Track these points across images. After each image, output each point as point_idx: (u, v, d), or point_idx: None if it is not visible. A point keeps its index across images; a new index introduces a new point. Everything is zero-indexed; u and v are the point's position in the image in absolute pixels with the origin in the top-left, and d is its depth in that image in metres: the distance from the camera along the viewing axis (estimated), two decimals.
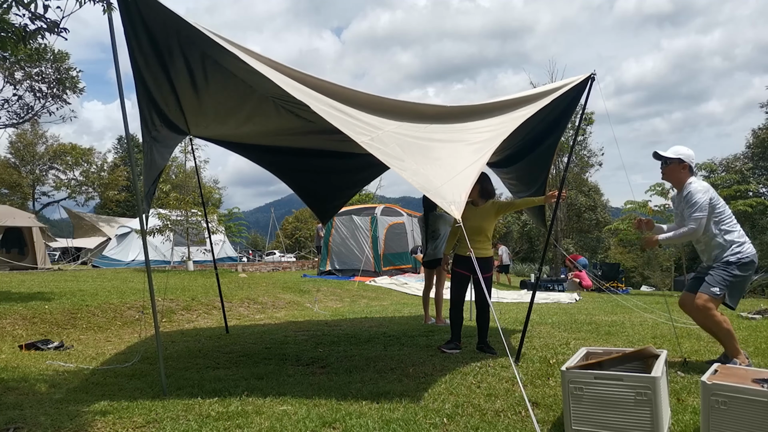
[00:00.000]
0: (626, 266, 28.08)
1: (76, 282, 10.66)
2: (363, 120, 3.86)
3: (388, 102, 4.41)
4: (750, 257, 3.90)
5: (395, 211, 16.68)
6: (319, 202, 7.42)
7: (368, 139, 3.59)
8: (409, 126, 4.27)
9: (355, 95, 4.15)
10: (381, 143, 3.64)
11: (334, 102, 3.88)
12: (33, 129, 30.22)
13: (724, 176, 20.32)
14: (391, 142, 3.72)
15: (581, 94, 4.67)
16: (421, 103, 4.64)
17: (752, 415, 2.29)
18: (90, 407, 3.35)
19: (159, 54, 3.86)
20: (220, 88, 4.47)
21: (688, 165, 4.15)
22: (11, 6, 2.78)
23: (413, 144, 3.93)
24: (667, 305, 5.96)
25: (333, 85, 4.06)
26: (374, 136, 3.69)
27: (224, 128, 5.77)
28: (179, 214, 16.24)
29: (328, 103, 3.81)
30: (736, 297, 3.99)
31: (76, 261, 22.23)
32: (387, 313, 8.39)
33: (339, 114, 3.74)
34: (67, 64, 10.51)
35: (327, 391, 3.68)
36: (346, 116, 3.77)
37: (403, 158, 3.58)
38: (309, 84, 3.90)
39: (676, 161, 4.15)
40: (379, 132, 3.78)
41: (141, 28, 3.56)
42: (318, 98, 3.75)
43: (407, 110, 4.49)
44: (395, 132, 3.97)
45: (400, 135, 3.96)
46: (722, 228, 3.97)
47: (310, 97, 3.67)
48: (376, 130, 3.79)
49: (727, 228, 3.96)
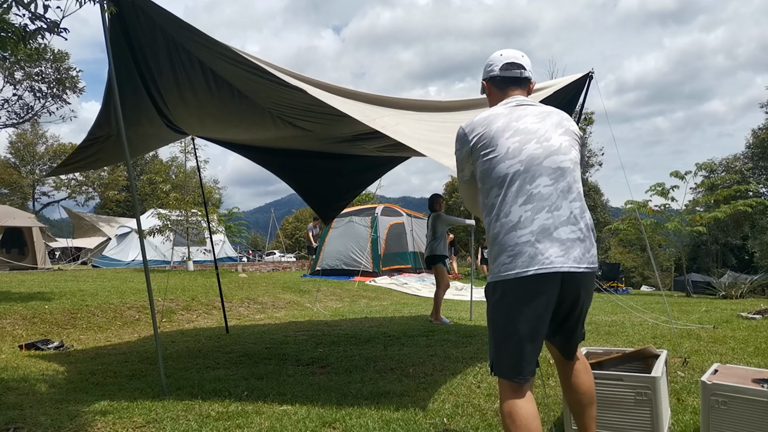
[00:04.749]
0: (626, 266, 28.09)
1: (76, 282, 10.65)
2: (367, 109, 3.89)
3: (389, 99, 4.41)
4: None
5: (395, 211, 16.68)
6: (322, 203, 7.41)
7: (371, 120, 3.56)
8: (412, 113, 4.30)
9: (355, 94, 4.14)
10: (385, 123, 3.64)
11: (331, 95, 3.86)
12: (33, 129, 30.24)
13: (724, 176, 20.31)
14: (395, 123, 3.73)
15: (579, 92, 4.68)
16: (420, 100, 4.65)
17: (752, 415, 2.29)
18: (90, 407, 3.35)
19: (155, 60, 3.86)
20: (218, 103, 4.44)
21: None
22: (11, 6, 2.78)
23: (417, 124, 3.95)
24: (667, 305, 5.96)
25: (330, 84, 4.05)
26: (377, 117, 3.69)
27: (223, 135, 5.79)
28: (179, 214, 16.24)
29: (327, 95, 3.79)
30: None
31: (75, 261, 22.23)
32: (387, 313, 8.39)
33: (339, 100, 3.73)
34: (66, 64, 10.52)
35: (327, 391, 3.67)
36: (347, 102, 3.78)
37: (409, 134, 3.59)
38: (307, 81, 3.88)
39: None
40: (383, 115, 3.78)
41: (135, 33, 3.56)
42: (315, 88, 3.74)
43: (408, 104, 4.50)
44: (399, 114, 3.99)
45: (405, 117, 3.99)
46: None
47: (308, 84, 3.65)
48: (380, 113, 3.80)
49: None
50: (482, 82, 2.37)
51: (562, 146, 2.09)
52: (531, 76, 2.30)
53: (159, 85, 4.14)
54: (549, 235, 1.98)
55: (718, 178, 18.28)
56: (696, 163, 16.09)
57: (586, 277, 2.06)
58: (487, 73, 2.32)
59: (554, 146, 2.08)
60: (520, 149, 2.05)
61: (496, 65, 2.28)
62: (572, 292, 2.04)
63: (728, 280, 12.90)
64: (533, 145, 2.06)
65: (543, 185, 2.02)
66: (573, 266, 1.99)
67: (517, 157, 2.04)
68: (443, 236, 7.11)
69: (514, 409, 1.96)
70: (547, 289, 1.97)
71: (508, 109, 2.16)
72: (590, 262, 2.05)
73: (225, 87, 4.11)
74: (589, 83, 4.53)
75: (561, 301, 2.03)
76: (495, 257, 2.05)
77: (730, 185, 16.85)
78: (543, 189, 2.02)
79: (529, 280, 1.96)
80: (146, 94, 4.24)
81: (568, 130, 2.16)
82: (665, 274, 22.57)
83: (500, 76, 2.27)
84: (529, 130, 2.09)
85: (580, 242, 2.02)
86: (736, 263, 28.20)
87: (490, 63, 2.32)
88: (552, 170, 2.05)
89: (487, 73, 2.33)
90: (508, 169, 2.04)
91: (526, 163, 2.03)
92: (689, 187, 15.53)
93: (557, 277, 1.97)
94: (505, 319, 2.02)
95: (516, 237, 1.98)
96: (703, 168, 17.38)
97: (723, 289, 11.94)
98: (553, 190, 2.02)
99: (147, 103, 4.38)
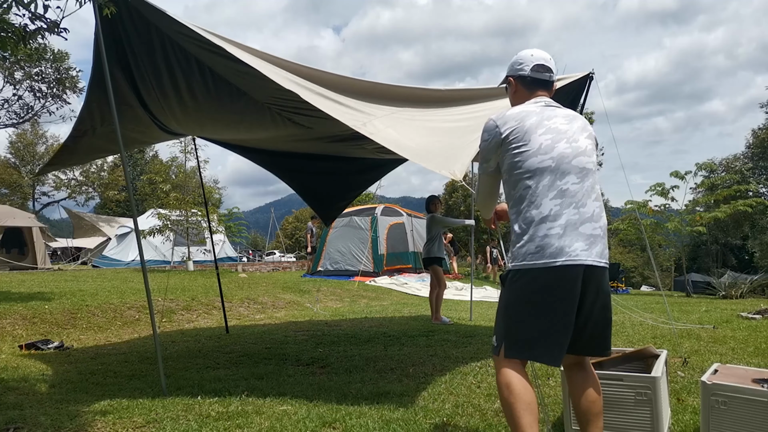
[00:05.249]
0: (626, 266, 28.11)
1: (76, 282, 10.65)
2: (356, 108, 3.81)
3: (382, 87, 4.32)
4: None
5: (395, 211, 16.69)
6: (323, 203, 7.41)
7: (361, 123, 3.53)
8: (405, 111, 4.22)
9: (346, 82, 4.06)
10: (374, 128, 3.58)
11: (325, 90, 3.81)
12: (33, 129, 30.24)
13: (724, 176, 20.31)
14: (384, 127, 3.67)
15: (581, 93, 4.68)
16: (416, 87, 4.53)
17: (752, 415, 2.29)
18: (90, 407, 3.35)
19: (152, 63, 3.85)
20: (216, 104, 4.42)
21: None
22: (11, 6, 2.78)
23: (409, 126, 3.90)
24: (667, 305, 5.96)
25: (324, 73, 3.98)
26: (367, 121, 3.63)
27: (223, 136, 5.78)
28: (179, 214, 16.24)
29: (319, 91, 3.74)
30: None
31: (75, 261, 22.22)
32: (387, 313, 8.40)
33: (330, 103, 3.67)
34: (66, 64, 10.53)
35: (327, 391, 3.67)
36: (337, 104, 3.71)
37: (399, 139, 3.54)
38: (301, 74, 3.83)
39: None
40: (372, 118, 3.72)
41: (133, 33, 3.54)
42: (308, 86, 3.70)
43: (402, 95, 4.41)
44: (390, 116, 3.92)
45: (395, 119, 3.92)
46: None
47: (299, 86, 3.60)
48: (369, 116, 3.73)
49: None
50: (509, 78, 2.39)
51: (587, 149, 2.20)
52: (556, 80, 2.38)
53: (155, 89, 4.13)
54: (575, 230, 2.08)
55: (718, 178, 18.29)
56: (696, 163, 16.11)
57: (604, 272, 2.15)
58: (516, 71, 2.35)
59: (581, 147, 2.18)
60: (552, 146, 2.13)
61: (527, 65, 2.32)
62: (593, 285, 2.11)
63: (728, 280, 12.91)
64: (564, 144, 2.15)
65: (571, 183, 2.12)
66: (595, 260, 2.09)
67: (549, 153, 2.13)
68: (439, 237, 7.16)
69: (512, 381, 2.05)
70: (572, 280, 2.06)
71: (540, 107, 2.23)
72: (606, 259, 2.16)
73: (223, 85, 4.10)
74: (590, 83, 4.53)
75: (583, 293, 2.09)
76: (522, 246, 2.12)
77: (730, 185, 16.86)
78: (571, 186, 2.12)
79: (556, 271, 2.05)
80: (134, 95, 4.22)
81: (591, 135, 2.27)
82: (665, 274, 22.58)
83: (530, 77, 2.31)
84: (559, 129, 2.18)
85: (600, 239, 2.13)
86: (736, 263, 28.22)
87: (520, 61, 2.35)
88: (579, 169, 2.15)
89: (515, 71, 2.36)
90: (540, 164, 2.12)
91: (557, 160, 2.12)
92: (689, 187, 15.56)
93: (581, 269, 2.06)
94: (527, 306, 2.09)
95: (546, 228, 2.07)
96: (703, 168, 17.38)
97: (723, 289, 11.95)
98: (580, 188, 2.13)
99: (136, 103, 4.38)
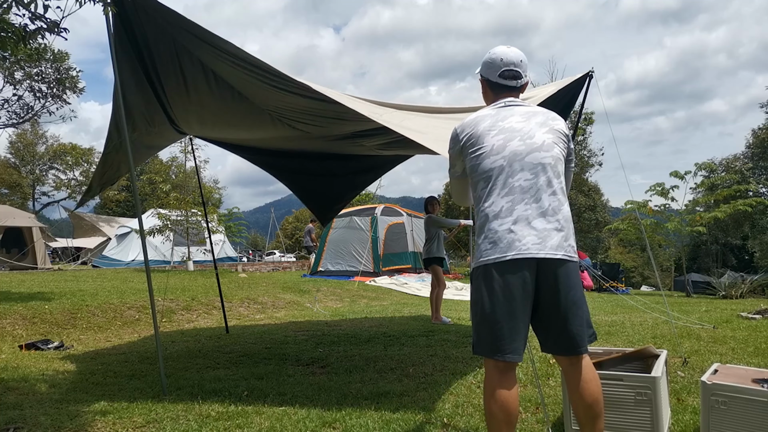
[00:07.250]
0: (626, 266, 28.09)
1: (76, 282, 10.65)
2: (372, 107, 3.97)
3: (389, 103, 4.45)
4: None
5: (395, 211, 16.68)
6: (320, 204, 7.41)
7: (377, 115, 3.65)
8: (415, 114, 4.38)
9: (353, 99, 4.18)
10: (390, 117, 3.74)
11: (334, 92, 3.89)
12: (33, 129, 30.22)
13: (724, 176, 20.31)
14: (399, 121, 3.81)
15: (579, 91, 4.68)
16: (421, 106, 4.69)
17: (752, 415, 2.29)
18: (90, 407, 3.35)
19: (153, 60, 3.85)
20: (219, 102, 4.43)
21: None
22: (11, 6, 2.78)
23: (420, 120, 4.04)
24: (667, 305, 5.96)
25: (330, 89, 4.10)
26: (383, 112, 3.81)
27: (223, 134, 5.78)
28: (179, 214, 16.24)
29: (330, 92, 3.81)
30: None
31: (75, 261, 22.22)
32: (387, 313, 8.39)
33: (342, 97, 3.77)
34: (66, 64, 10.51)
35: (327, 391, 3.68)
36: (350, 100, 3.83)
37: (411, 127, 3.65)
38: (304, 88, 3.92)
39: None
40: (386, 112, 3.88)
41: (139, 31, 3.55)
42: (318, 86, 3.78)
43: (409, 108, 4.54)
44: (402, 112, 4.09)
45: (407, 116, 4.08)
46: None
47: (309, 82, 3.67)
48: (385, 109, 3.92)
49: None
50: (480, 76, 2.44)
51: (545, 143, 2.21)
52: (527, 80, 2.40)
53: (162, 82, 4.13)
54: (527, 225, 2.11)
55: (718, 178, 18.28)
56: (696, 163, 16.09)
57: (563, 264, 2.11)
58: (485, 73, 2.40)
59: (537, 143, 2.21)
60: (504, 146, 2.20)
61: (495, 70, 2.35)
62: (549, 278, 2.10)
63: (728, 280, 12.90)
64: (516, 143, 2.20)
65: (524, 179, 2.16)
66: (550, 253, 2.09)
67: (501, 153, 2.19)
68: (437, 237, 7.17)
69: (496, 390, 2.09)
70: (524, 272, 2.08)
71: (495, 110, 2.31)
72: (567, 251, 2.13)
73: (225, 88, 4.11)
74: (590, 83, 4.53)
75: (539, 287, 2.11)
76: (480, 243, 2.20)
77: (730, 185, 16.85)
78: (523, 183, 2.16)
79: (507, 264, 2.09)
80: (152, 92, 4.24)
81: (553, 129, 2.27)
82: (665, 274, 22.57)
83: (497, 82, 2.36)
84: (513, 128, 2.23)
85: (557, 232, 2.13)
86: (736, 263, 28.20)
87: (489, 63, 2.37)
88: (533, 165, 2.18)
89: (485, 72, 2.40)
90: (492, 164, 2.20)
91: (509, 158, 2.18)
92: (689, 187, 15.53)
93: (533, 263, 2.09)
94: (483, 300, 2.13)
95: (497, 225, 2.14)
96: (703, 168, 17.39)
97: (723, 289, 11.94)
98: (533, 183, 2.16)
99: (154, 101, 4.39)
